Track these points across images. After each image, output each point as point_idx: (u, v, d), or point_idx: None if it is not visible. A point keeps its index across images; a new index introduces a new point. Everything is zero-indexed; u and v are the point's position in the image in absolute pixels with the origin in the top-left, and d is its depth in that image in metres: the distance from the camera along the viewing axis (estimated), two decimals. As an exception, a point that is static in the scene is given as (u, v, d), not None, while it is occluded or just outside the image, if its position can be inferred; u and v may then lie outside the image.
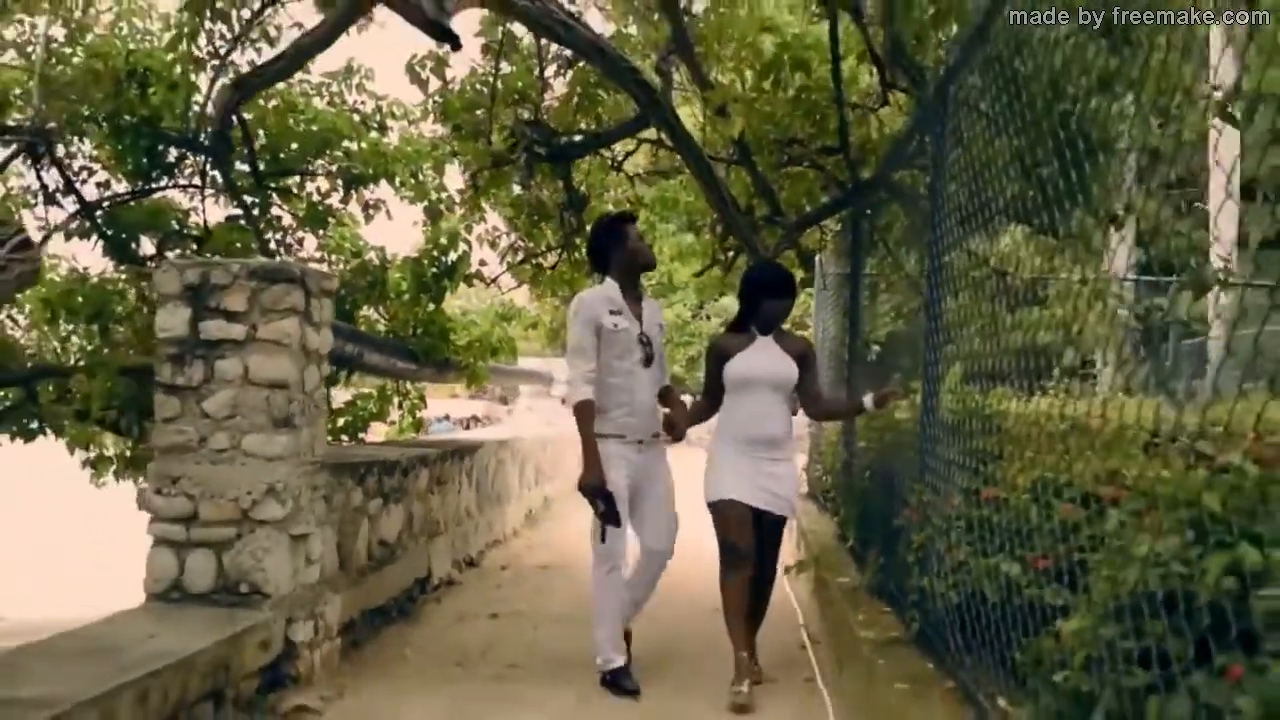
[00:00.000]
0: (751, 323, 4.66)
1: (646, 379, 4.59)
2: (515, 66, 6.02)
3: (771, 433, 4.58)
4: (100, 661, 3.19)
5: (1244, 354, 2.62)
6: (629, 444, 4.54)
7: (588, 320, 4.50)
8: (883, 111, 6.37)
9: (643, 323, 4.60)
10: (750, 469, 4.52)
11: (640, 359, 4.55)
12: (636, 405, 4.56)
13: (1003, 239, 5.32)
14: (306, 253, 6.52)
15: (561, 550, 8.49)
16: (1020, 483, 3.36)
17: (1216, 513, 2.06)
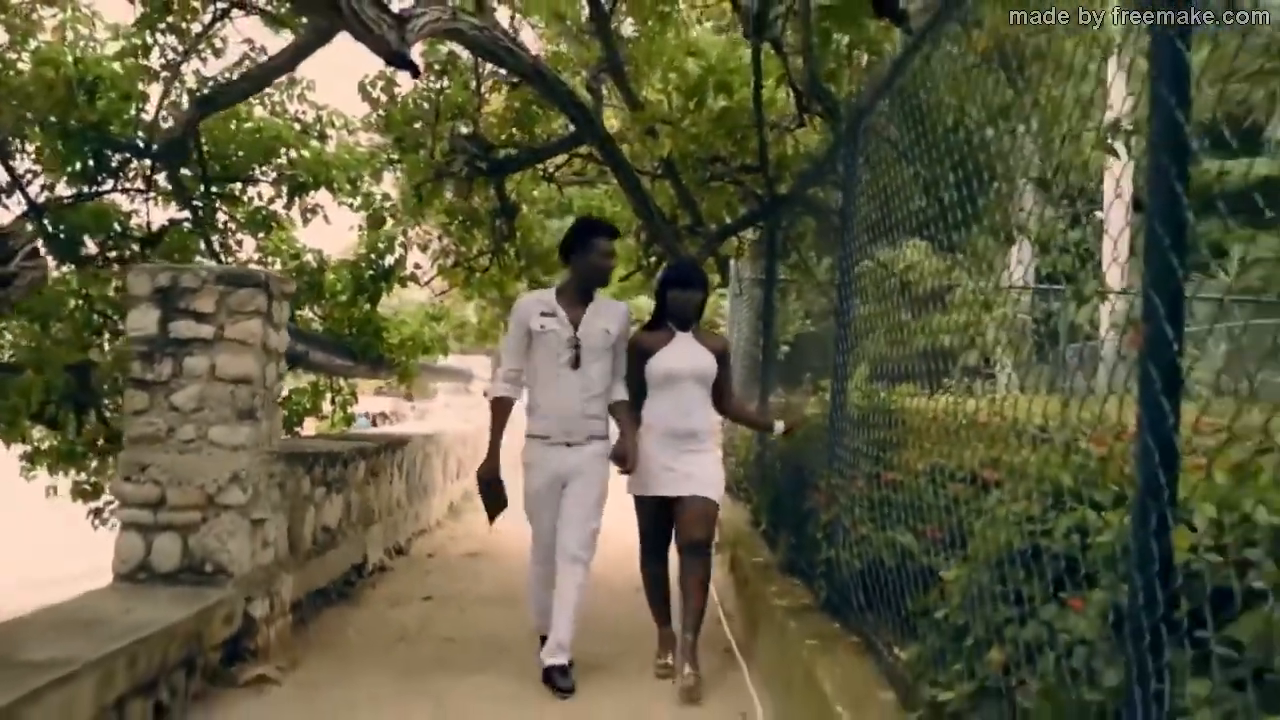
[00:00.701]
0: (666, 318, 4.83)
1: (574, 381, 4.58)
2: (453, 83, 6.35)
3: (693, 426, 4.73)
4: (89, 631, 3.48)
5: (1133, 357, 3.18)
6: (553, 445, 4.58)
7: (517, 323, 4.66)
8: (797, 131, 6.86)
9: (579, 327, 4.60)
10: (667, 459, 4.65)
11: (567, 361, 4.56)
12: (561, 407, 4.58)
13: (907, 252, 5.90)
14: (245, 254, 6.77)
15: (484, 540, 8.81)
16: (917, 468, 3.85)
17: (1067, 485, 2.55)
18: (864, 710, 3.00)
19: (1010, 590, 2.42)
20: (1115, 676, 1.75)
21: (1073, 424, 2.84)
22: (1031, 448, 3.22)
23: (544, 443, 4.60)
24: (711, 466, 4.82)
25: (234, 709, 4.05)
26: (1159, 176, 1.73)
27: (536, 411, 4.66)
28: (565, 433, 4.58)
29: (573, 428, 4.59)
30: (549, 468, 4.58)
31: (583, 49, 7.16)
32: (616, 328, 4.70)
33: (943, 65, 4.06)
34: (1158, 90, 1.73)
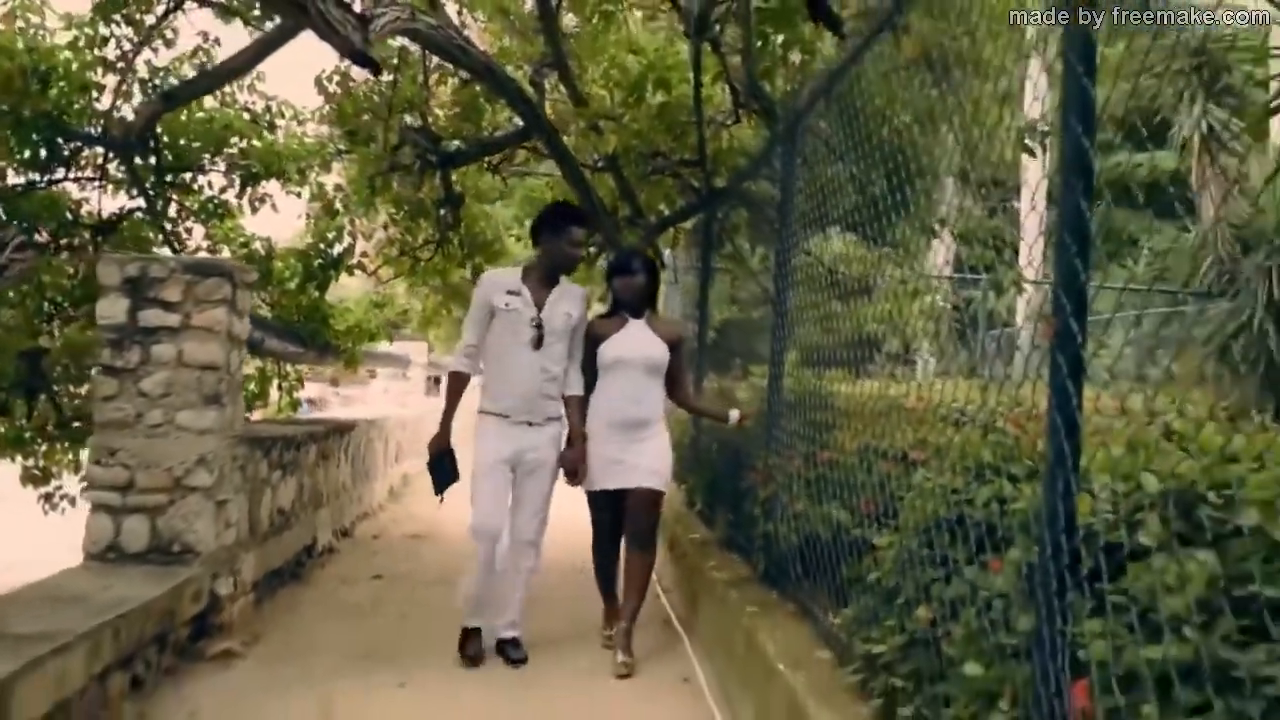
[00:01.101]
0: (617, 306, 4.92)
1: (534, 361, 4.58)
2: (404, 77, 6.48)
3: (642, 414, 4.77)
4: (73, 607, 3.63)
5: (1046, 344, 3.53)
6: (514, 424, 4.60)
7: (481, 298, 4.66)
8: (733, 127, 7.13)
9: (543, 308, 4.61)
10: (615, 450, 4.69)
11: (529, 341, 4.56)
12: (520, 386, 4.59)
13: (839, 245, 6.23)
14: (195, 243, 6.84)
15: (426, 522, 8.99)
16: (850, 448, 4.15)
17: (987, 461, 2.84)
18: (804, 668, 3.27)
19: (937, 554, 2.70)
20: (1028, 622, 2.04)
21: (991, 407, 3.15)
22: (956, 429, 3.54)
23: (505, 421, 4.60)
24: (660, 453, 4.85)
25: (202, 682, 4.21)
26: (1068, 193, 2.01)
27: (494, 389, 4.66)
28: (526, 411, 4.60)
29: (533, 407, 4.61)
30: (507, 445, 4.58)
31: (526, 44, 7.34)
32: (577, 312, 4.73)
33: (876, 72, 4.35)
34: (1067, 119, 2.01)
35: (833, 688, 3.04)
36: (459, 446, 4.71)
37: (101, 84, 5.97)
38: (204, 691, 4.08)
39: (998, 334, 14.91)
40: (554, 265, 4.71)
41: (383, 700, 4.09)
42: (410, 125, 6.54)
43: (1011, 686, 2.06)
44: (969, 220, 8.38)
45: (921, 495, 3.00)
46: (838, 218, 5.39)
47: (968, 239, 9.23)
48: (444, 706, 4.05)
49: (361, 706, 3.99)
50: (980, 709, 2.14)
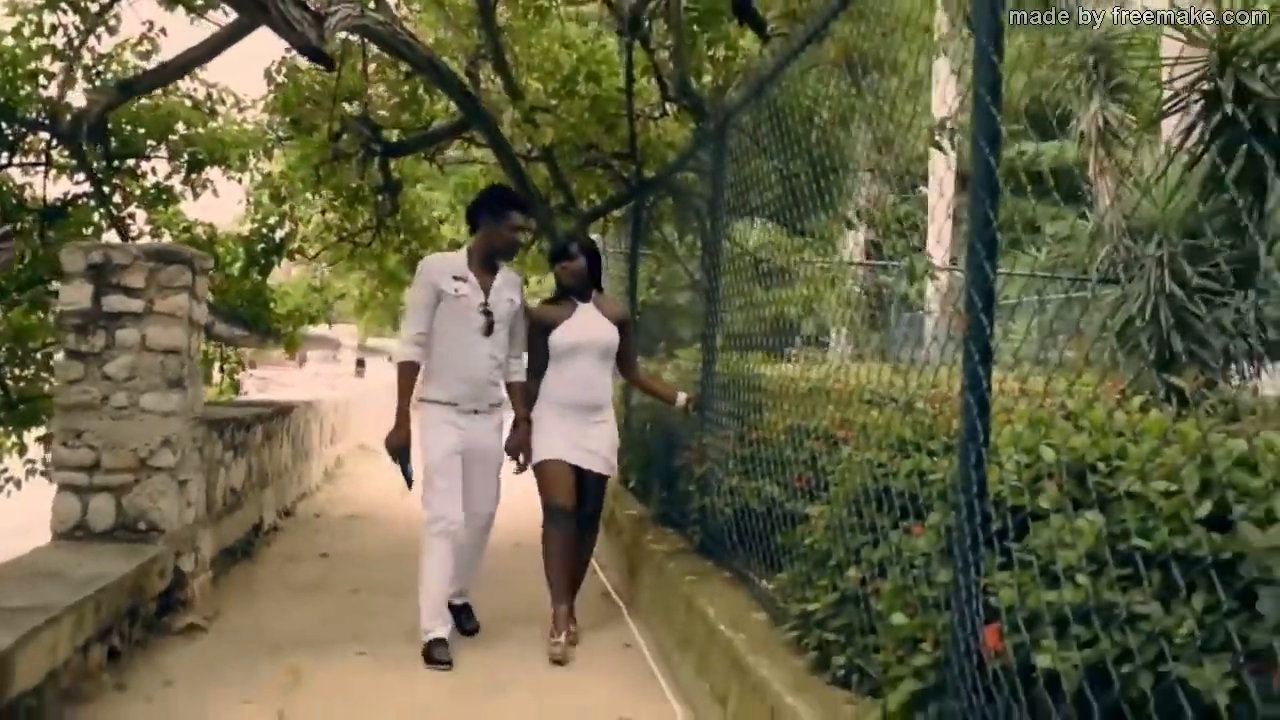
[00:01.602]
0: (563, 291, 4.91)
1: (484, 349, 4.53)
2: (346, 67, 6.59)
3: (595, 399, 4.79)
4: (54, 582, 3.77)
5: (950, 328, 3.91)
6: (463, 412, 4.55)
7: (426, 284, 4.52)
8: (661, 120, 7.39)
9: (488, 294, 4.56)
10: (573, 430, 4.70)
11: (480, 328, 4.51)
12: (470, 373, 4.53)
13: (765, 235, 6.58)
14: (137, 228, 6.89)
15: (364, 503, 9.15)
16: (779, 427, 4.46)
17: (908, 438, 3.16)
18: (743, 628, 3.57)
19: (865, 522, 3.02)
20: (947, 575, 2.35)
21: (910, 390, 3.49)
22: (880, 410, 3.87)
23: (453, 410, 4.54)
24: (612, 440, 4.91)
25: (171, 653, 4.38)
26: (977, 205, 2.31)
27: (441, 377, 4.56)
28: (474, 399, 4.55)
29: (481, 394, 4.58)
30: (458, 435, 4.53)
31: (461, 36, 7.50)
32: (518, 299, 4.71)
33: (801, 74, 4.66)
34: (976, 141, 2.31)
35: (770, 644, 3.34)
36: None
37: (51, 72, 6.00)
38: (175, 662, 4.24)
39: (909, 317, 15.53)
40: (494, 250, 4.63)
41: (345, 667, 4.29)
42: (353, 115, 6.68)
43: (933, 632, 2.37)
44: (883, 210, 8.77)
45: (849, 469, 3.32)
46: (764, 209, 5.75)
47: (882, 228, 9.71)
48: (404, 671, 4.28)
49: (326, 672, 4.19)
50: (906, 653, 2.45)
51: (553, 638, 4.54)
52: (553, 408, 4.75)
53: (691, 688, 3.95)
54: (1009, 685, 2.03)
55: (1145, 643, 1.85)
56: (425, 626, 4.43)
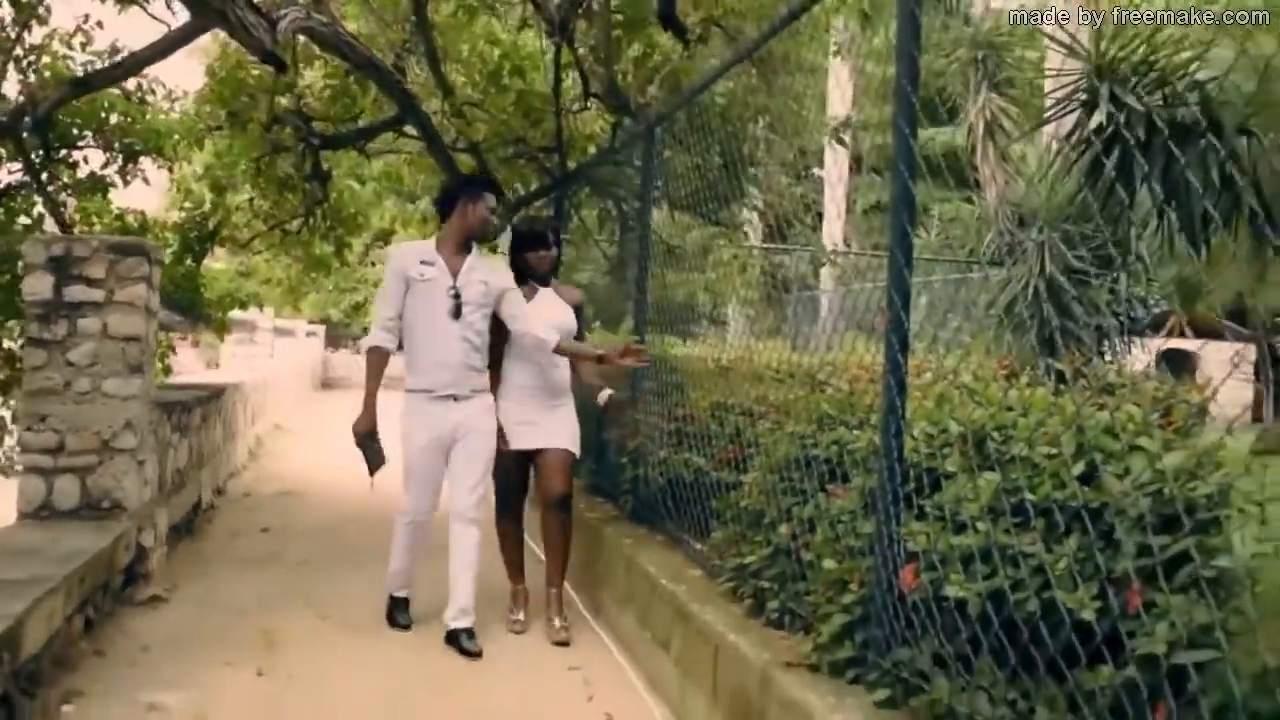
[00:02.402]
0: (526, 276, 4.86)
1: (455, 331, 4.44)
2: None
3: (555, 381, 4.82)
4: (36, 558, 3.97)
5: (844, 308, 4.40)
6: (439, 399, 4.45)
7: (394, 271, 4.49)
8: (582, 114, 7.72)
9: (458, 277, 4.49)
10: (532, 415, 4.72)
11: (448, 311, 4.43)
12: (443, 358, 4.44)
13: (686, 225, 6.98)
14: (68, 216, 6.92)
15: (290, 481, 9.33)
16: (704, 404, 4.86)
17: (829, 413, 3.59)
18: (682, 582, 3.96)
19: (793, 485, 3.44)
20: (870, 526, 2.78)
21: (822, 369, 3.92)
22: (804, 389, 4.30)
23: (428, 397, 4.46)
24: (570, 420, 4.89)
25: (140, 622, 4.60)
26: (896, 219, 2.73)
27: (417, 364, 4.50)
28: (450, 385, 4.46)
29: (457, 379, 4.47)
30: (435, 423, 4.45)
31: (386, 30, 7.69)
32: (494, 280, 4.60)
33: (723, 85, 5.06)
34: (896, 164, 2.73)
35: (709, 595, 3.74)
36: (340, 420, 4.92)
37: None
38: (146, 630, 4.47)
39: (808, 296, 16.16)
40: (469, 234, 4.61)
41: (311, 631, 4.58)
42: (288, 109, 6.85)
43: (858, 574, 2.80)
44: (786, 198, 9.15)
45: (778, 440, 3.73)
46: (686, 202, 6.18)
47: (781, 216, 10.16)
48: (368, 633, 4.58)
49: (294, 636, 4.47)
50: (835, 593, 2.87)
51: (511, 614, 4.78)
52: (513, 392, 4.74)
53: (633, 638, 4.35)
54: (925, 612, 2.47)
55: (1033, 574, 2.29)
56: (389, 584, 4.73)
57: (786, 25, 3.86)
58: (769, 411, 4.38)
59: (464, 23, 6.97)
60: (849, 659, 2.74)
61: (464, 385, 4.50)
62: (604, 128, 7.94)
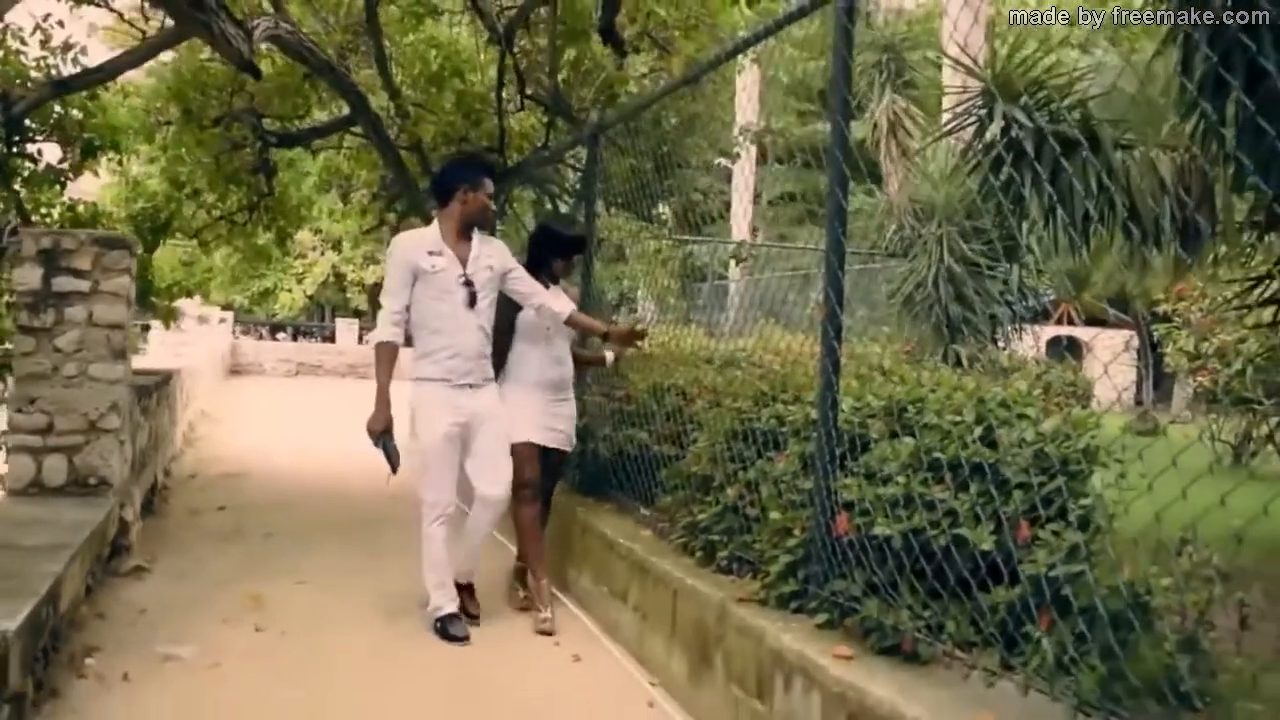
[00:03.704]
0: (542, 274, 4.86)
1: (471, 321, 4.39)
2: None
3: (562, 375, 4.88)
4: (48, 527, 4.28)
5: (753, 295, 4.99)
6: (456, 388, 4.38)
7: (402, 262, 4.37)
8: (518, 114, 8.15)
9: (467, 265, 4.41)
10: (541, 410, 4.76)
11: (463, 300, 4.36)
12: (460, 348, 4.38)
13: (618, 221, 7.49)
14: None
15: (231, 463, 9.57)
16: (642, 386, 5.36)
17: (765, 391, 4.12)
18: (637, 541, 4.46)
19: (736, 453, 3.97)
20: (808, 483, 3.32)
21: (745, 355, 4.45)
22: (735, 371, 4.83)
23: (445, 385, 4.38)
24: (573, 418, 5.02)
25: (129, 590, 4.91)
26: (831, 230, 3.27)
27: (430, 354, 4.41)
28: (466, 374, 4.40)
29: (473, 368, 4.43)
30: (455, 415, 4.38)
31: (332, 32, 8.01)
32: (499, 263, 4.53)
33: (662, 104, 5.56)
34: (832, 191, 3.26)
35: (662, 550, 4.25)
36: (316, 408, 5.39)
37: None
38: (139, 596, 4.80)
39: (715, 285, 16.80)
40: (472, 219, 4.49)
41: (294, 594, 4.96)
42: (242, 107, 7.13)
43: (800, 522, 3.33)
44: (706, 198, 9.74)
45: (720, 416, 4.26)
46: (623, 200, 6.71)
47: (701, 213, 10.76)
48: (347, 595, 4.98)
49: (280, 598, 4.84)
50: (780, 539, 3.40)
51: (522, 593, 4.82)
52: (524, 386, 4.74)
53: (590, 594, 4.85)
54: (856, 550, 3.02)
55: (943, 515, 2.85)
56: (435, 604, 4.41)
57: (732, 57, 4.37)
58: (702, 392, 4.93)
59: (410, 27, 7.34)
60: (793, 592, 3.28)
61: (479, 374, 4.47)
62: (535, 126, 8.37)
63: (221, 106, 6.90)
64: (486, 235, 4.60)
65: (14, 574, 3.45)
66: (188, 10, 4.61)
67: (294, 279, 32.46)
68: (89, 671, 3.75)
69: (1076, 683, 2.41)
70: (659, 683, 3.93)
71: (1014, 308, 11.22)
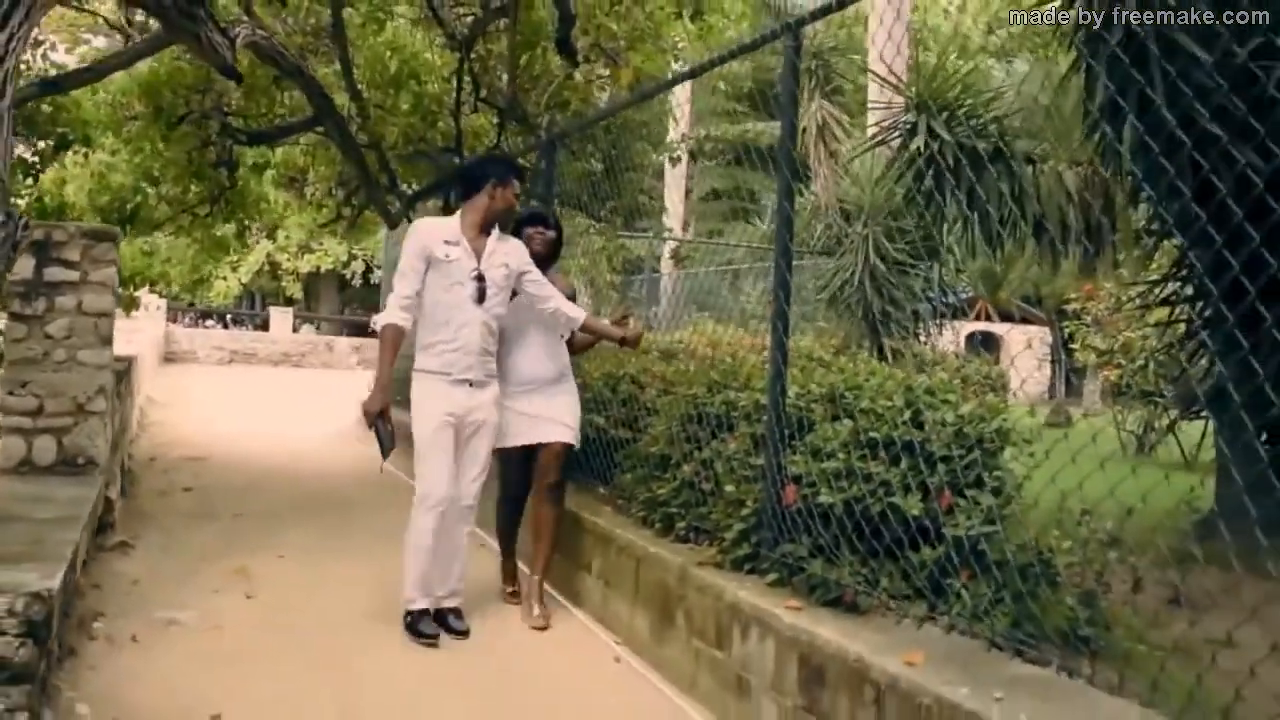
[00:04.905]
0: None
1: (477, 316, 4.25)
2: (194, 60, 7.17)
3: (556, 368, 4.68)
4: (50, 503, 4.49)
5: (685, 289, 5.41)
6: (455, 382, 4.25)
7: (418, 248, 4.24)
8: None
9: (481, 260, 4.29)
10: (529, 407, 4.55)
11: (471, 294, 4.23)
12: (463, 342, 4.23)
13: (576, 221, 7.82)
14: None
15: (188, 447, 9.71)
16: (596, 376, 5.72)
17: (716, 380, 4.52)
18: (599, 515, 4.83)
19: (691, 435, 4.35)
20: (760, 460, 3.71)
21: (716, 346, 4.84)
22: (682, 362, 5.20)
23: (445, 379, 4.25)
24: (571, 407, 4.72)
25: (118, 563, 5.13)
26: (780, 243, 3.67)
27: (433, 346, 4.27)
28: (466, 369, 4.27)
29: (474, 364, 4.28)
30: (450, 407, 4.24)
31: (292, 34, 8.21)
32: (514, 262, 4.40)
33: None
34: (779, 230, 3.67)
35: (623, 523, 4.62)
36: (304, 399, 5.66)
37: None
38: (128, 569, 5.03)
39: (647, 278, 17.20)
40: (495, 215, 4.38)
41: (274, 567, 5.22)
42: (210, 106, 7.31)
43: (752, 495, 3.73)
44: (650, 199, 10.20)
45: (675, 402, 4.65)
46: (575, 200, 7.06)
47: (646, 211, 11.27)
48: (326, 566, 5.27)
49: (264, 570, 5.12)
50: (734, 510, 3.80)
51: (507, 587, 4.80)
52: (513, 385, 4.56)
53: (553, 565, 5.20)
54: (804, 516, 3.42)
55: (878, 486, 3.27)
56: (408, 596, 4.25)
57: (683, 80, 4.74)
58: (653, 380, 5.32)
59: (372, 32, 7.59)
60: (746, 555, 3.68)
61: (480, 371, 4.32)
62: (485, 127, 8.65)
63: (192, 105, 7.08)
64: (505, 235, 4.47)
65: (37, 541, 3.70)
66: (179, 20, 4.83)
67: (229, 267, 32.10)
68: (99, 634, 4.01)
69: (992, 625, 2.85)
70: (623, 641, 4.30)
71: (935, 304, 11.81)
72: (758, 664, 3.28)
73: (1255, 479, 3.21)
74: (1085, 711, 2.36)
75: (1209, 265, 4.48)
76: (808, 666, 3.02)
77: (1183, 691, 2.31)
